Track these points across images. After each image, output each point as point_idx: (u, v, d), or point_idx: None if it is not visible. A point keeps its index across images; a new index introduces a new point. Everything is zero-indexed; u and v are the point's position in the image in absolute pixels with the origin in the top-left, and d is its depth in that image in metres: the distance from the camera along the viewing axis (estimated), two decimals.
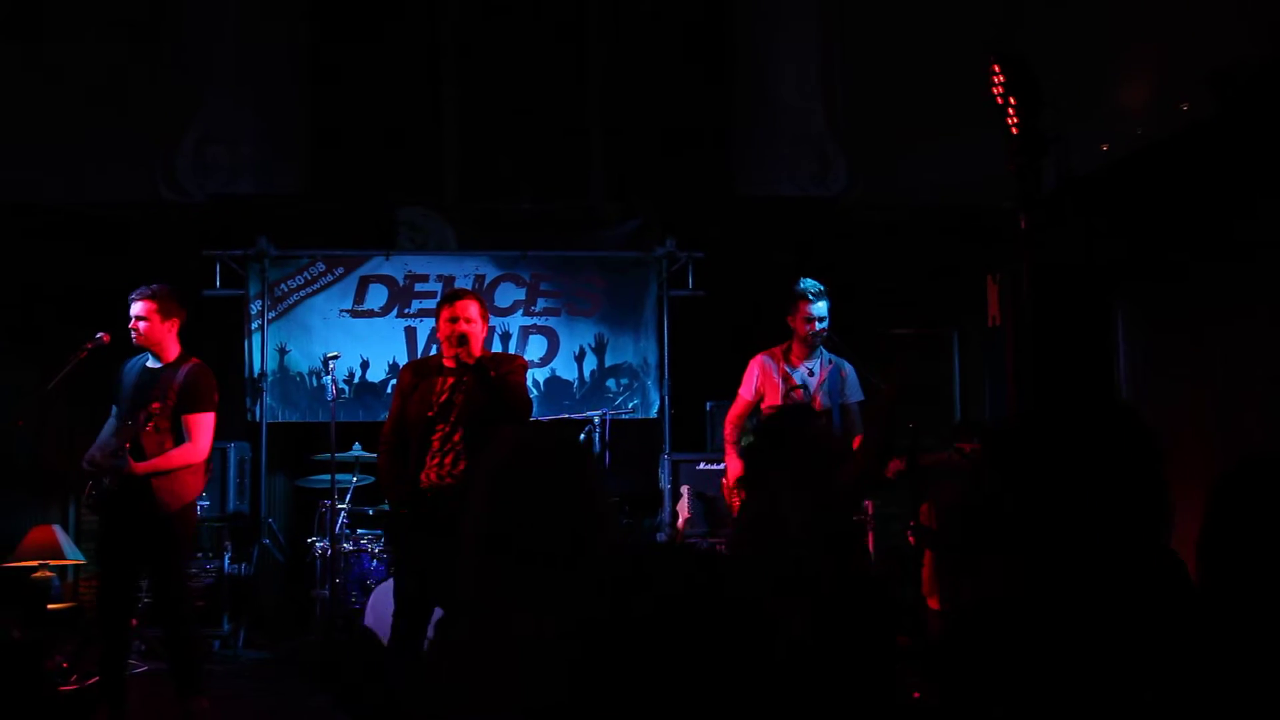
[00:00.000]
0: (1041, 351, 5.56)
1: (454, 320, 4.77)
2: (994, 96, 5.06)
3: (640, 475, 7.26)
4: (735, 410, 5.74)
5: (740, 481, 5.22)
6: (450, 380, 4.80)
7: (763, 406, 5.60)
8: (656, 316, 7.74)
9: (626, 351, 7.78)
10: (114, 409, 5.34)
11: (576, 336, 7.75)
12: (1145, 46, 6.32)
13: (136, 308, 5.20)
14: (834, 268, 7.81)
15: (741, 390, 5.73)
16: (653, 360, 7.73)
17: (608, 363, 7.77)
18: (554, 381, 7.66)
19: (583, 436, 6.80)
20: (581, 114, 8.65)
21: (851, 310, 7.48)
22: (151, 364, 5.27)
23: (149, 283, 5.31)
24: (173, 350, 5.27)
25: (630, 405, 7.63)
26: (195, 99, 8.04)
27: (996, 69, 5.03)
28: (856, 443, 5.29)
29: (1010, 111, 5.02)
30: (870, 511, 6.24)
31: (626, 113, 8.61)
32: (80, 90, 7.51)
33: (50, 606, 6.96)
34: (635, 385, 7.73)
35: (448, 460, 4.75)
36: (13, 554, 7.04)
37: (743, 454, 5.22)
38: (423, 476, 4.75)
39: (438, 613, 4.44)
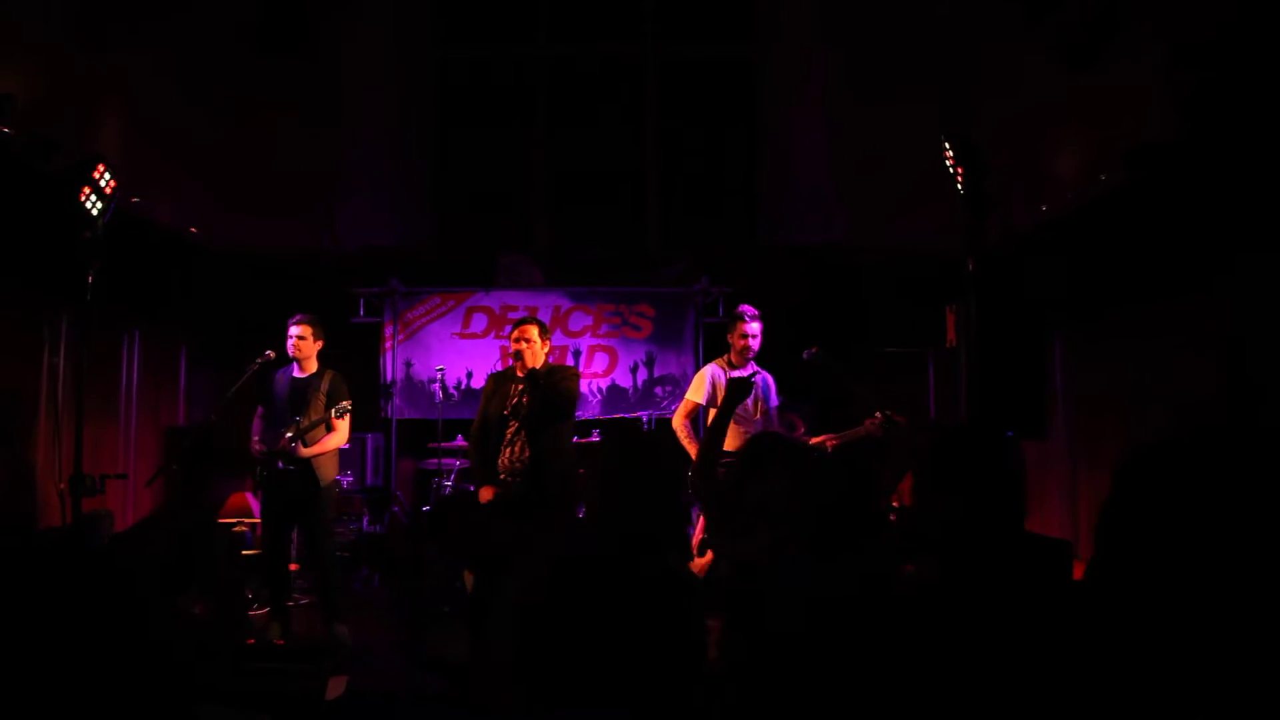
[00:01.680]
0: (986, 368, 5.62)
1: (517, 340, 5.02)
2: (947, 165, 5.10)
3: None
4: (685, 410, 5.46)
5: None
6: (519, 386, 5.01)
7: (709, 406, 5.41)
8: (694, 338, 7.94)
9: (670, 365, 7.96)
10: (260, 409, 5.56)
11: (632, 354, 7.96)
12: (1075, 128, 6.37)
13: (296, 329, 5.44)
14: (836, 299, 8.05)
15: (691, 394, 5.49)
16: (691, 372, 7.72)
17: (656, 374, 7.93)
18: (614, 389, 7.88)
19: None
20: (641, 181, 8.81)
21: (851, 332, 7.71)
22: (297, 374, 5.49)
23: (301, 314, 5.58)
24: (315, 364, 5.57)
25: (673, 408, 7.69)
26: (351, 171, 8.04)
27: (947, 145, 5.08)
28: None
29: (959, 178, 5.06)
30: None
31: (675, 180, 8.76)
32: (268, 164, 7.45)
33: (244, 553, 7.25)
34: (677, 391, 7.86)
35: (516, 449, 4.95)
36: (218, 513, 7.47)
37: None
38: (499, 463, 4.96)
39: None
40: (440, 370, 6.86)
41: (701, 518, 5.08)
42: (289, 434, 5.31)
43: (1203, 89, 5.24)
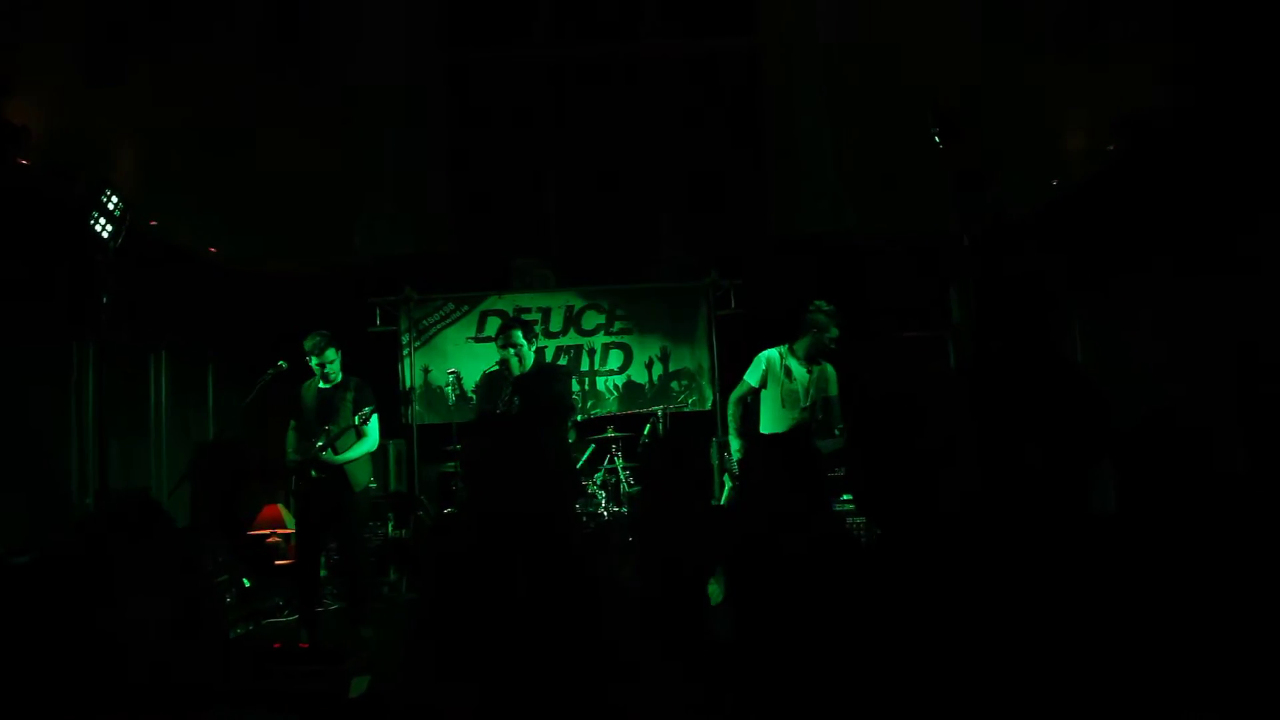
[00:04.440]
0: (981, 345, 5.59)
1: (504, 346, 5.16)
2: (934, 140, 4.96)
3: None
4: (739, 393, 5.57)
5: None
6: (511, 388, 5.12)
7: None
8: (708, 331, 7.90)
9: (685, 359, 7.94)
10: (291, 421, 5.65)
11: (646, 349, 7.95)
12: (1076, 105, 6.31)
13: (324, 354, 5.48)
14: (849, 287, 7.99)
15: (748, 376, 5.55)
16: (705, 365, 7.88)
17: (671, 369, 7.92)
18: (630, 385, 7.88)
19: (649, 426, 7.11)
20: (651, 179, 8.79)
21: (867, 319, 7.66)
22: (324, 385, 5.57)
23: (319, 327, 5.61)
24: (340, 373, 5.71)
25: (690, 401, 7.79)
26: (366, 186, 8.29)
27: (934, 121, 4.97)
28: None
29: (945, 153, 4.95)
30: None
31: (685, 177, 8.74)
32: (283, 182, 7.47)
33: (277, 563, 7.37)
34: (693, 385, 7.89)
35: None
36: (251, 525, 7.57)
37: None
38: None
39: None
40: (452, 374, 6.92)
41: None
42: (319, 443, 5.41)
43: (1204, 53, 5.18)
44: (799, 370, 5.54)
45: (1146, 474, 1.80)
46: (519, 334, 5.14)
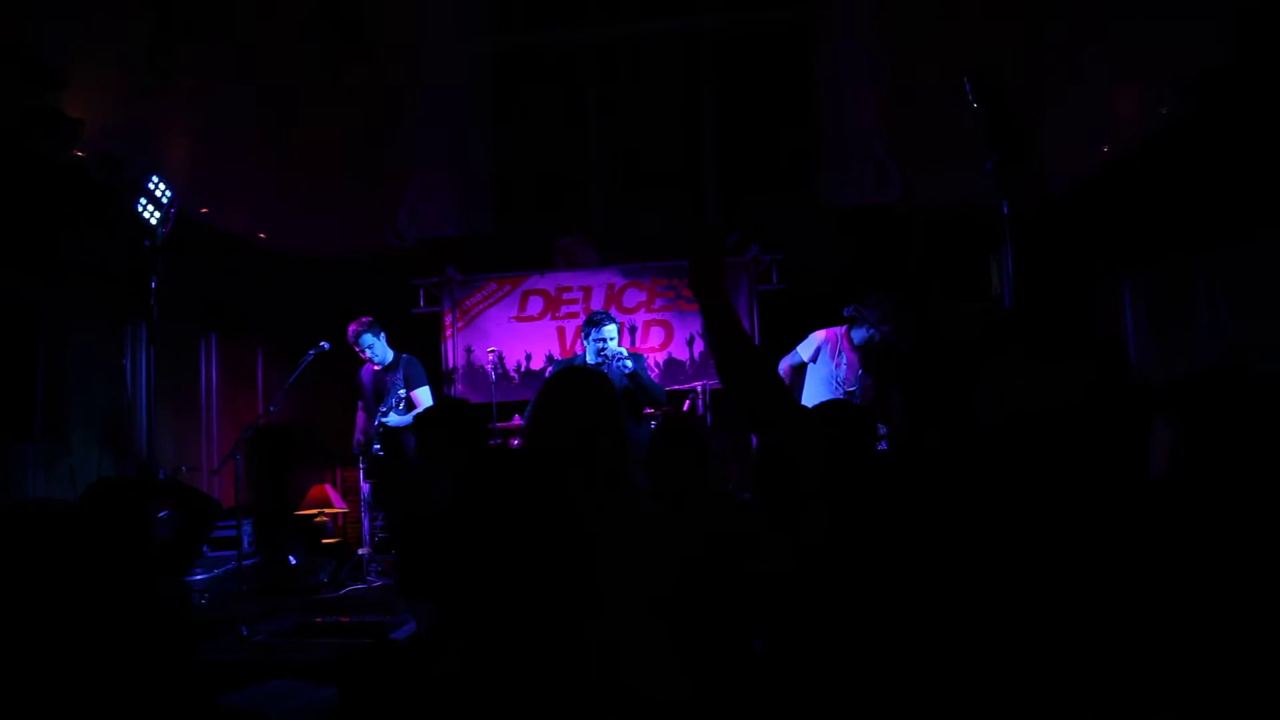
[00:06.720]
0: (1030, 316, 5.47)
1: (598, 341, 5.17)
2: (972, 106, 4.88)
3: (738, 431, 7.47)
4: (787, 360, 5.72)
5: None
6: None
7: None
8: (749, 306, 7.84)
9: None
10: (359, 404, 5.90)
11: (687, 326, 7.92)
12: (1130, 63, 6.11)
13: (363, 342, 5.69)
14: (891, 260, 7.89)
15: (802, 348, 5.68)
16: None
17: None
18: (671, 362, 7.88)
19: (687, 403, 7.11)
20: (697, 154, 8.73)
21: (909, 292, 7.54)
22: (378, 368, 5.84)
23: (365, 309, 5.89)
24: (390, 354, 5.91)
25: None
26: (411, 172, 8.21)
27: (970, 82, 4.90)
28: None
29: (983, 116, 4.86)
30: None
31: (731, 151, 8.66)
32: (331, 167, 7.49)
33: (324, 541, 7.70)
34: None
35: None
36: (300, 504, 7.86)
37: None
38: None
39: None
40: (493, 352, 6.99)
41: None
42: (378, 421, 5.68)
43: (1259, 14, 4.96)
44: (848, 356, 5.57)
45: (1214, 431, 1.55)
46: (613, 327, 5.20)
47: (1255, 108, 5.20)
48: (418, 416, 3.72)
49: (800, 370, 5.71)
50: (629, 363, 5.06)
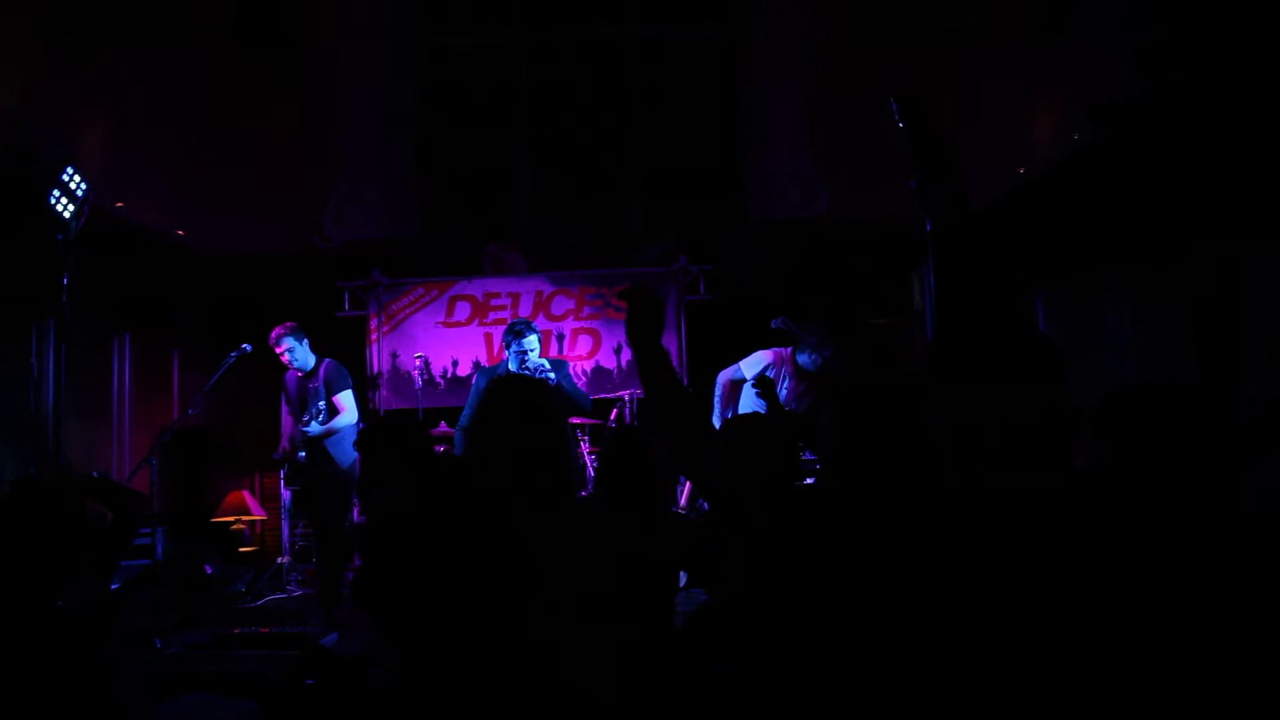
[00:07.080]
0: (950, 329, 5.64)
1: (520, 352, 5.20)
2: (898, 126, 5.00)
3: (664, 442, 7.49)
4: (728, 374, 5.74)
5: None
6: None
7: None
8: (676, 317, 7.86)
9: None
10: (284, 408, 5.79)
11: (615, 334, 7.89)
12: (1046, 91, 6.38)
13: (282, 346, 5.52)
14: (818, 274, 8.03)
15: (745, 365, 5.67)
16: (674, 349, 7.81)
17: None
18: (599, 370, 7.87)
19: (615, 411, 7.11)
20: (625, 166, 8.83)
21: (836, 306, 7.69)
22: (300, 374, 5.66)
23: (289, 312, 5.70)
24: (311, 359, 5.77)
25: None
26: (337, 172, 8.15)
27: (896, 106, 5.01)
28: None
29: (909, 138, 4.98)
30: None
31: (659, 164, 8.75)
32: (253, 165, 7.44)
33: (241, 549, 7.52)
34: None
35: None
36: (216, 511, 7.63)
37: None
38: None
39: None
40: (419, 358, 6.92)
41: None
42: (302, 427, 5.56)
43: (1165, 49, 5.21)
44: (790, 381, 5.63)
45: (1148, 435, 1.69)
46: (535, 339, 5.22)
47: (1158, 136, 5.48)
48: (363, 432, 3.64)
49: (739, 386, 5.72)
50: (552, 375, 5.08)
